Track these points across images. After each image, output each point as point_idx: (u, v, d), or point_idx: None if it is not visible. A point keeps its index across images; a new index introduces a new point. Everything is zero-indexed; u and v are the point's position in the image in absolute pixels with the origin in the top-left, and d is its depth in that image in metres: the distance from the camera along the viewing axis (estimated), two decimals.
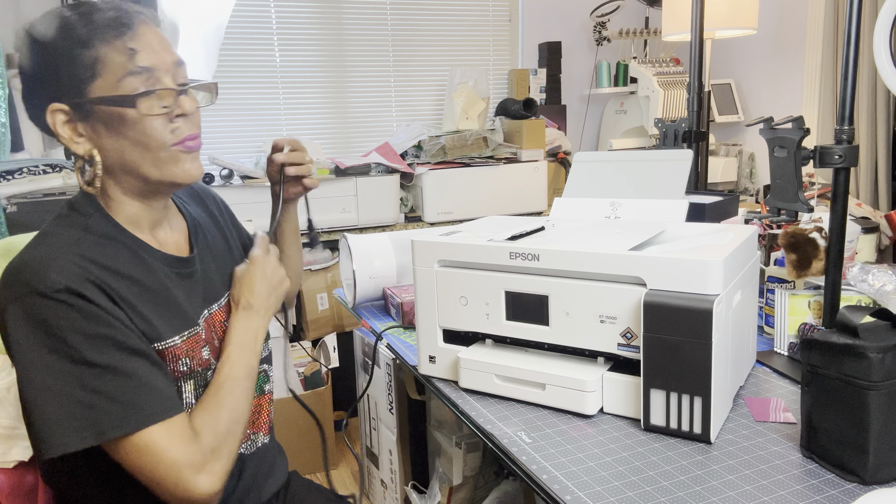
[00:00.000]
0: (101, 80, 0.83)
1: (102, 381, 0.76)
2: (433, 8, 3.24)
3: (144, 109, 0.84)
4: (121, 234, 0.88)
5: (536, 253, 1.01)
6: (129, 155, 0.86)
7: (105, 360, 0.77)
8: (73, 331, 0.76)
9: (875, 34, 1.06)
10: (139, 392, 0.78)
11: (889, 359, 0.77)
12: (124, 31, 0.83)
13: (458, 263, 1.09)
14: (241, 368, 0.91)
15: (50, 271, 0.76)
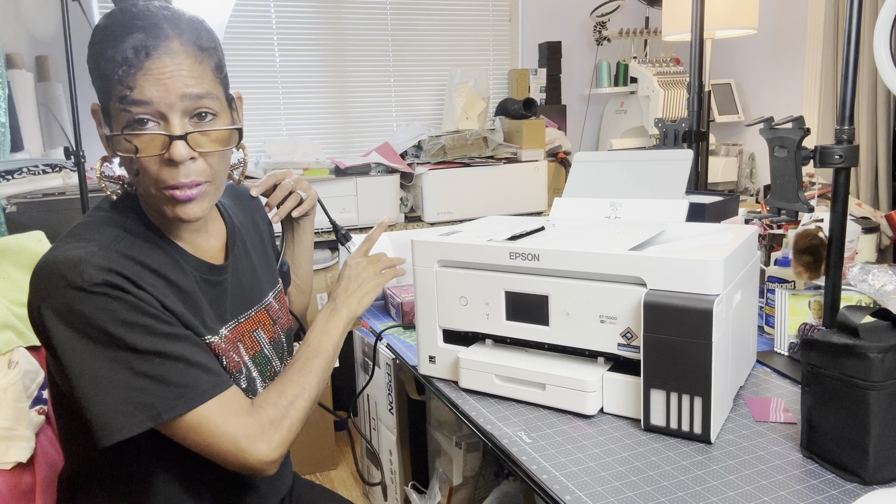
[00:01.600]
0: (112, 103, 0.82)
1: (151, 365, 0.77)
2: (433, 8, 3.24)
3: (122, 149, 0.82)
4: (157, 236, 0.88)
5: (536, 253, 1.01)
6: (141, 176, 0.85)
7: (150, 346, 0.78)
8: (114, 321, 0.76)
9: (875, 34, 1.06)
10: (188, 372, 0.79)
11: (889, 359, 0.77)
12: (126, 66, 0.79)
13: (458, 263, 1.09)
14: (313, 351, 0.97)
15: (87, 266, 0.77)
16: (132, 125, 0.80)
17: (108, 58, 0.79)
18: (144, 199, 0.89)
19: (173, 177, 0.82)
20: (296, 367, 0.93)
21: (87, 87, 2.90)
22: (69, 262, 0.77)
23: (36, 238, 1.16)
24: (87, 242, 0.81)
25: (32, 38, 2.63)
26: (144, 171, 0.83)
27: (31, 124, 2.52)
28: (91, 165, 2.65)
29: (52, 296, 0.76)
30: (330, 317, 1.03)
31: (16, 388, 0.96)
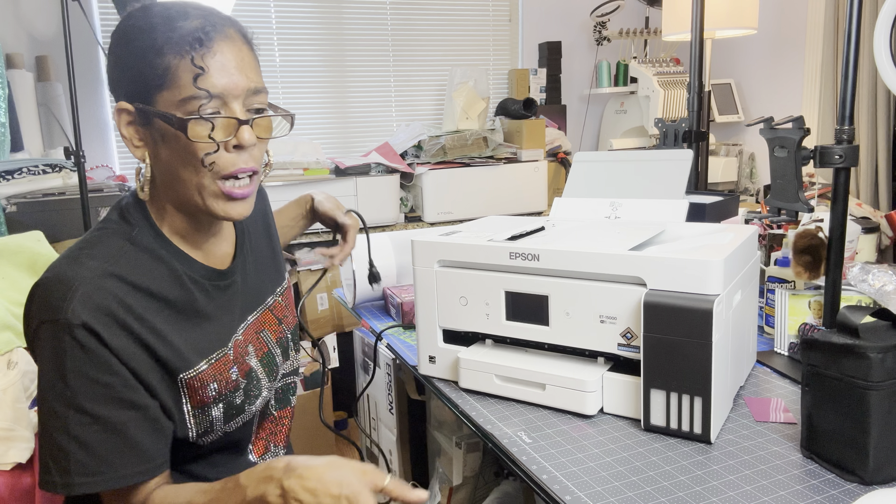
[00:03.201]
0: (166, 92, 0.79)
1: (88, 431, 0.75)
2: (433, 8, 3.24)
3: (194, 135, 0.79)
4: (164, 247, 0.86)
5: (536, 253, 1.00)
6: (179, 173, 0.83)
7: (96, 409, 0.76)
8: (76, 372, 0.75)
9: (875, 34, 1.06)
10: (121, 450, 0.77)
11: (889, 359, 0.77)
12: (198, 47, 0.78)
13: (458, 263, 1.09)
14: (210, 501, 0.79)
15: (74, 300, 0.75)
16: (197, 111, 0.79)
17: (171, 41, 0.78)
18: (176, 201, 0.86)
19: (234, 163, 0.82)
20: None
21: (87, 87, 2.90)
22: (60, 292, 0.76)
23: (35, 238, 1.15)
24: (83, 267, 0.79)
25: (32, 38, 2.63)
26: (197, 161, 0.81)
27: (31, 124, 2.52)
28: (91, 165, 2.66)
29: (33, 329, 0.78)
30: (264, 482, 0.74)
31: (15, 389, 0.96)
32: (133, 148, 0.83)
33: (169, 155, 0.82)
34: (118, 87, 0.83)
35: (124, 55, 0.81)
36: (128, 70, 0.81)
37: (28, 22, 2.62)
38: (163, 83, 0.79)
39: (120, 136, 0.84)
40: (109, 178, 2.69)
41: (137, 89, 0.80)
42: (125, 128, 0.83)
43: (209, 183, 0.82)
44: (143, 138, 0.83)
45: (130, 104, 0.81)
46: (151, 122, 0.81)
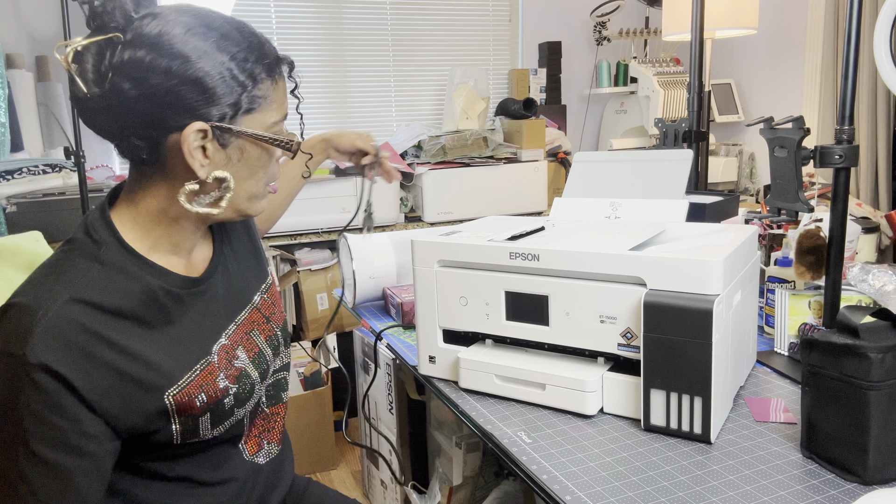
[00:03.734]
0: (258, 115, 0.82)
1: (32, 470, 0.74)
2: (433, 8, 3.24)
3: (279, 153, 0.88)
4: (134, 262, 0.83)
5: (536, 253, 1.01)
6: (244, 184, 0.86)
7: (44, 452, 0.74)
8: (29, 411, 0.73)
9: (875, 34, 1.06)
10: (61, 495, 0.75)
11: (889, 359, 0.77)
12: (290, 72, 0.87)
13: (458, 263, 1.09)
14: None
15: (35, 335, 0.72)
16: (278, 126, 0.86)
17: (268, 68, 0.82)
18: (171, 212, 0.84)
19: (279, 171, 0.92)
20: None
21: None
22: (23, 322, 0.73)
23: (33, 238, 1.15)
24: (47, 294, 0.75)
25: (32, 38, 2.63)
26: (270, 175, 0.88)
27: (31, 124, 2.52)
28: (91, 165, 2.66)
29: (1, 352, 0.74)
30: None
31: None
32: (199, 168, 0.80)
33: (240, 169, 0.84)
34: (177, 107, 0.78)
35: (200, 76, 0.77)
36: (205, 92, 0.78)
37: (28, 22, 2.62)
38: (256, 107, 0.82)
39: (186, 155, 0.79)
40: (109, 178, 2.69)
41: (221, 111, 0.79)
42: (196, 149, 0.79)
43: (262, 189, 0.89)
44: (210, 157, 0.81)
45: (206, 124, 0.79)
46: (231, 142, 0.82)
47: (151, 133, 0.79)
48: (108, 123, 0.79)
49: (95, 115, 0.79)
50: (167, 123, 0.78)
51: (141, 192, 0.84)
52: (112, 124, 0.79)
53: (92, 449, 0.76)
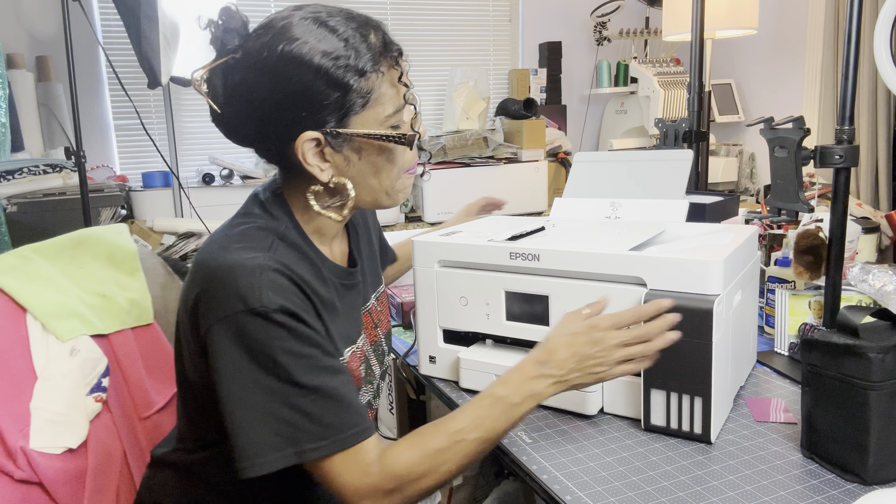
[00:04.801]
0: (369, 112, 0.81)
1: (307, 401, 0.76)
2: (433, 8, 3.24)
3: (409, 145, 0.85)
4: (307, 245, 0.87)
5: (536, 253, 1.01)
6: (368, 182, 0.86)
7: (310, 380, 0.76)
8: (283, 351, 0.75)
9: (875, 34, 1.06)
10: (340, 413, 0.77)
11: (889, 359, 0.77)
12: (397, 60, 0.82)
13: (458, 263, 1.09)
14: (482, 427, 0.80)
15: (264, 288, 0.75)
16: (401, 123, 0.84)
17: (373, 60, 0.80)
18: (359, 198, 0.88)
19: (415, 157, 0.90)
20: (452, 437, 0.79)
21: (87, 87, 2.90)
22: (247, 281, 0.76)
23: (117, 231, 1.16)
24: (253, 254, 0.79)
25: (32, 38, 2.63)
26: (402, 163, 0.87)
27: (32, 124, 2.52)
28: (91, 165, 2.66)
29: (230, 318, 0.75)
30: (526, 384, 0.82)
31: (74, 376, 0.97)
32: (319, 172, 0.83)
33: (363, 168, 0.85)
34: (286, 121, 0.80)
35: (299, 89, 0.78)
36: (308, 103, 0.78)
37: (28, 22, 2.62)
38: (365, 104, 0.81)
39: (304, 164, 0.82)
40: (110, 178, 2.69)
41: (328, 117, 0.80)
42: (311, 157, 0.82)
43: (397, 181, 0.88)
44: (329, 160, 0.83)
45: (317, 132, 0.80)
46: (347, 143, 0.82)
47: (272, 145, 0.84)
48: (241, 138, 0.86)
49: (231, 133, 0.86)
50: (282, 135, 0.81)
51: (286, 187, 0.89)
52: (244, 138, 0.86)
53: (339, 365, 0.81)
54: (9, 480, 0.85)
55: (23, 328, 0.95)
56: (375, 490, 0.77)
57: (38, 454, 0.88)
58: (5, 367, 0.90)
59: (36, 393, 0.93)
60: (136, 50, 2.32)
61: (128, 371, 1.08)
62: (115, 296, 1.10)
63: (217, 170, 2.65)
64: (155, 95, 2.82)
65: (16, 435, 0.87)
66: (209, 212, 2.42)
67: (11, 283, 0.96)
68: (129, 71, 2.67)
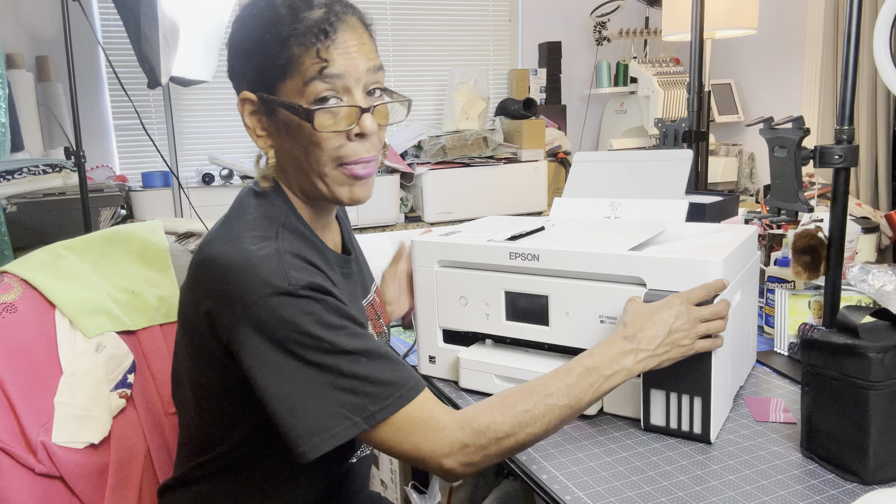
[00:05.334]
0: (289, 82, 0.81)
1: (359, 365, 0.75)
2: (433, 8, 3.24)
3: (318, 125, 0.81)
4: (307, 231, 0.88)
5: (536, 253, 1.01)
6: (302, 163, 0.85)
7: (357, 345, 0.76)
8: (320, 324, 0.75)
9: (875, 34, 1.06)
10: (395, 369, 0.77)
11: (889, 359, 0.77)
12: (324, 38, 0.80)
13: (458, 263, 1.09)
14: (571, 395, 0.80)
15: (287, 268, 0.75)
16: (320, 101, 0.81)
17: (297, 33, 0.79)
18: (301, 189, 0.88)
19: (356, 152, 0.84)
20: (534, 398, 0.79)
21: (87, 87, 2.90)
22: (269, 266, 0.75)
23: (150, 228, 1.17)
24: (265, 241, 0.79)
25: (32, 38, 2.63)
26: (325, 148, 0.83)
27: (31, 124, 2.52)
28: (91, 165, 2.66)
29: (258, 305, 0.74)
30: (618, 355, 0.83)
31: (99, 372, 0.98)
32: (255, 137, 0.85)
33: (292, 144, 0.84)
34: (240, 77, 0.84)
35: (247, 45, 0.82)
36: (250, 60, 0.82)
37: (28, 22, 2.62)
38: (286, 73, 0.81)
39: (243, 125, 0.86)
40: (110, 178, 2.69)
41: (261, 79, 0.82)
42: (248, 117, 0.85)
43: (331, 170, 0.84)
44: (265, 128, 0.85)
45: (254, 94, 0.83)
46: (275, 111, 0.83)
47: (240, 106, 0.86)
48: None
49: None
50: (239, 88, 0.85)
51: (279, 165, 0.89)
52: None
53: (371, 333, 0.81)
54: (30, 474, 0.85)
55: (50, 324, 0.97)
56: (454, 445, 0.76)
57: (59, 448, 0.89)
58: (30, 362, 0.92)
59: (60, 388, 0.94)
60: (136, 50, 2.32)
61: (155, 367, 1.09)
62: (145, 292, 1.11)
63: (217, 170, 2.65)
64: (155, 95, 2.82)
65: (37, 429, 0.88)
66: (209, 212, 2.41)
67: (41, 280, 0.98)
68: (129, 71, 2.67)
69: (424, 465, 0.76)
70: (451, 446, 0.76)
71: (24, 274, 0.97)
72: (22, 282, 0.96)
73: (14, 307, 0.93)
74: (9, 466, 0.83)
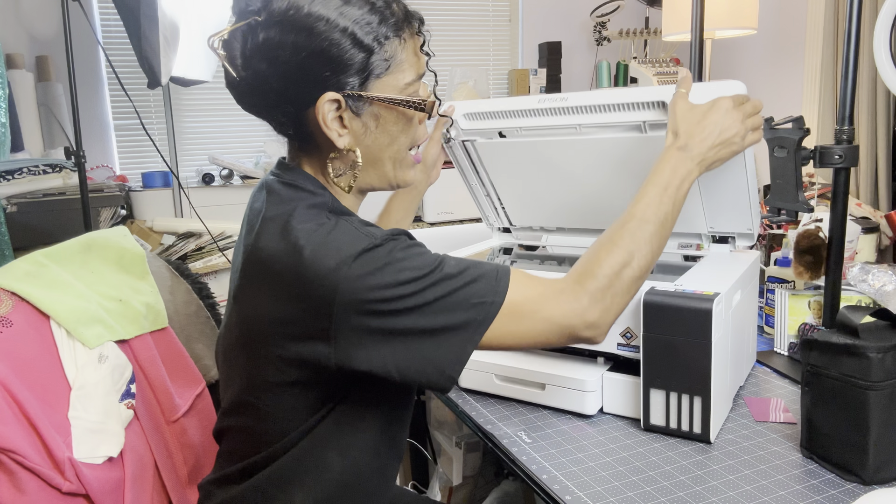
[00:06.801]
0: (390, 78, 0.81)
1: (462, 277, 0.76)
2: (433, 8, 3.24)
3: (429, 112, 0.85)
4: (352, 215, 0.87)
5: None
6: (381, 153, 0.85)
7: (455, 266, 0.77)
8: (419, 255, 0.76)
9: (875, 34, 1.06)
10: (479, 266, 0.78)
11: (889, 359, 0.77)
12: (419, 29, 0.83)
13: (486, 114, 1.08)
14: (652, 210, 0.84)
15: (361, 231, 0.76)
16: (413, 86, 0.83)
17: (396, 27, 0.80)
18: (361, 181, 0.87)
19: (424, 134, 0.89)
20: (629, 227, 0.83)
21: (87, 87, 2.90)
22: (342, 237, 0.75)
23: (121, 233, 1.15)
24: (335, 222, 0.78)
25: (32, 38, 2.63)
26: (412, 136, 0.86)
27: (31, 124, 2.52)
28: (91, 165, 2.66)
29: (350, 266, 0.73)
30: (676, 169, 0.87)
31: (105, 383, 0.96)
32: (337, 138, 0.82)
33: (378, 137, 0.84)
34: (308, 81, 0.79)
35: (325, 46, 0.77)
36: (332, 62, 0.78)
37: (28, 22, 2.62)
38: (387, 69, 0.80)
39: (323, 127, 0.80)
40: (110, 178, 2.69)
41: (349, 79, 0.79)
42: (331, 119, 0.81)
43: (405, 155, 0.87)
44: (347, 126, 0.82)
45: (338, 94, 0.79)
46: (364, 109, 0.82)
47: (291, 108, 0.81)
48: (256, 104, 0.83)
49: (244, 98, 0.83)
50: (303, 97, 0.79)
51: (301, 161, 0.87)
52: (259, 104, 0.83)
53: None
54: (56, 494, 0.83)
55: (48, 336, 0.94)
56: (582, 299, 0.78)
57: (83, 465, 0.87)
58: (39, 378, 0.89)
59: (72, 402, 0.91)
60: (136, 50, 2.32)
61: (151, 376, 1.07)
62: (131, 300, 1.08)
63: (217, 170, 2.65)
64: (155, 95, 2.82)
65: (61, 446, 0.86)
66: (209, 212, 2.42)
67: (30, 291, 0.94)
68: (129, 71, 2.68)
69: (566, 330, 0.78)
70: (579, 301, 0.78)
71: (9, 285, 0.93)
72: (10, 294, 0.92)
73: (9, 321, 0.89)
74: (36, 487, 0.81)
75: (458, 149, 1.22)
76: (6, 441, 0.79)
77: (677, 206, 0.86)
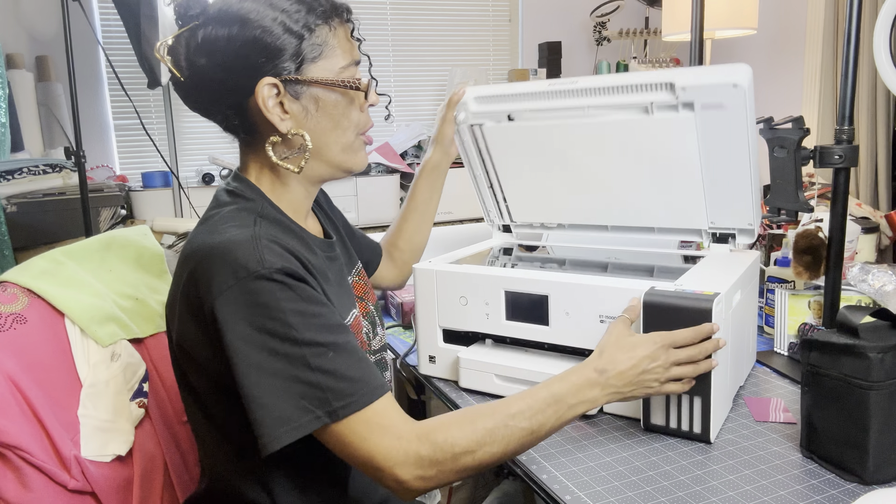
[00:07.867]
0: (324, 62, 0.86)
1: (326, 359, 0.75)
2: (433, 8, 3.24)
3: (357, 98, 0.89)
4: (286, 219, 0.89)
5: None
6: (326, 138, 0.89)
7: (325, 338, 0.75)
8: (293, 312, 0.75)
9: (875, 34, 1.06)
10: (361, 367, 0.76)
11: (889, 359, 0.77)
12: (348, 17, 0.89)
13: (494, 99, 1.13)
14: (530, 414, 0.78)
15: (262, 253, 0.76)
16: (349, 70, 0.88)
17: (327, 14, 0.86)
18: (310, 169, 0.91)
19: (369, 120, 0.94)
20: (496, 418, 0.77)
21: (87, 87, 2.90)
22: (244, 252, 0.76)
23: (141, 232, 1.16)
24: (242, 230, 0.79)
25: (32, 38, 2.63)
26: (355, 120, 0.90)
27: (31, 124, 2.52)
28: (91, 165, 2.66)
29: (234, 288, 0.74)
30: (581, 389, 0.82)
31: (117, 381, 0.97)
32: (279, 122, 0.86)
33: (319, 123, 0.88)
34: (246, 68, 0.83)
35: (257, 35, 0.82)
36: (265, 49, 0.82)
37: (28, 22, 2.62)
38: (320, 54, 0.85)
39: (265, 112, 0.84)
40: (110, 178, 2.69)
41: (284, 64, 0.84)
42: (272, 104, 0.85)
43: (354, 139, 0.91)
44: (288, 111, 0.86)
45: (276, 79, 0.84)
46: (303, 93, 0.86)
47: (234, 99, 0.85)
48: (200, 102, 0.88)
49: (190, 96, 0.88)
50: (242, 85, 0.84)
51: (250, 160, 0.92)
52: (204, 102, 0.87)
53: (346, 326, 0.81)
54: (63, 491, 0.84)
55: (62, 334, 0.94)
56: (409, 456, 0.74)
57: (89, 463, 0.87)
58: (50, 375, 0.89)
59: (82, 400, 0.92)
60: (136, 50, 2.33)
61: (165, 375, 1.07)
62: (147, 299, 1.09)
63: (217, 170, 2.65)
64: (155, 95, 2.82)
65: (68, 444, 0.86)
66: None
67: (46, 288, 0.95)
68: (129, 71, 2.68)
69: (377, 472, 0.74)
70: (405, 456, 0.74)
71: (26, 283, 0.94)
72: (26, 291, 0.93)
73: (24, 318, 0.90)
74: (42, 484, 0.81)
75: (465, 133, 1.23)
76: (12, 437, 0.79)
77: (561, 422, 0.80)
